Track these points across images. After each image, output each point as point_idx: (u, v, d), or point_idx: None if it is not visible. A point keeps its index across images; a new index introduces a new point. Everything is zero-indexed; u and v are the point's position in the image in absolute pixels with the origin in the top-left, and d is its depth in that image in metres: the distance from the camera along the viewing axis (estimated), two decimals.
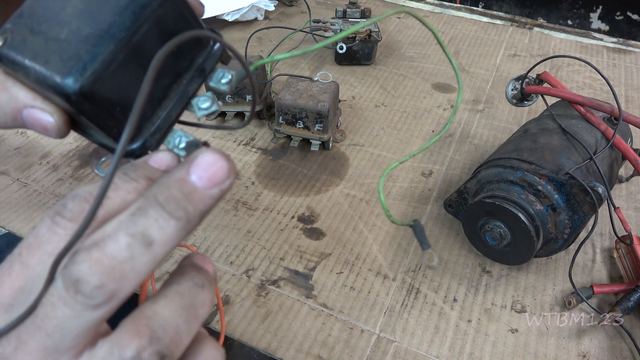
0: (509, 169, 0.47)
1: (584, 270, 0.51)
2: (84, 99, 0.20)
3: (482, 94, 0.76)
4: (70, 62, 0.20)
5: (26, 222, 0.54)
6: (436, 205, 0.58)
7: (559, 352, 0.44)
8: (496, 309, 0.47)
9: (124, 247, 0.17)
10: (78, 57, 0.20)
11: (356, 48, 0.79)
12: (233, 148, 0.65)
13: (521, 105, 0.57)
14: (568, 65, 0.83)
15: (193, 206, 0.19)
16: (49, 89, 0.20)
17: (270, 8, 0.94)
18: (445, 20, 0.97)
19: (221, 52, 0.24)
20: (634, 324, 0.46)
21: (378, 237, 0.54)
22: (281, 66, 0.81)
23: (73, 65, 0.20)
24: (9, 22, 0.21)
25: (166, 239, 0.18)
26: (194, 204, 0.19)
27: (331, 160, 0.63)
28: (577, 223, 0.45)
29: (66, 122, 0.23)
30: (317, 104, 0.60)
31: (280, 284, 0.49)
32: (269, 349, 0.43)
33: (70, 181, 0.59)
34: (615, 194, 0.59)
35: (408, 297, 0.48)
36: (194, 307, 0.20)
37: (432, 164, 0.63)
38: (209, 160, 0.19)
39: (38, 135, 0.65)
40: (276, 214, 0.56)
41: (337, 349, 0.44)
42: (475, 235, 0.50)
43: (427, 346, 0.44)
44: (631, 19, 1.02)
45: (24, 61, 0.20)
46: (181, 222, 0.18)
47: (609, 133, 0.50)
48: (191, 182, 0.19)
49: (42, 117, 0.23)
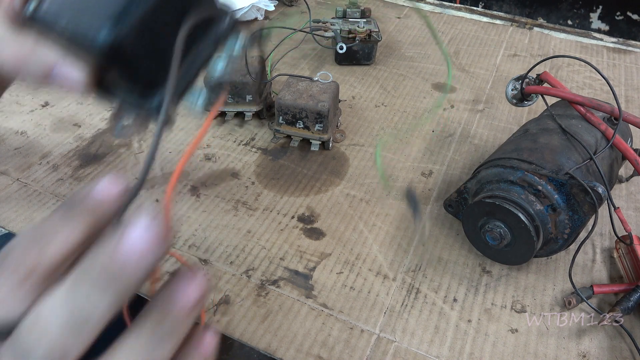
0: (509, 169, 0.47)
1: (584, 270, 0.51)
2: (117, 50, 0.22)
3: (482, 94, 0.76)
4: (103, 18, 0.22)
5: (26, 222, 0.54)
6: (436, 205, 0.58)
7: (559, 352, 0.44)
8: (496, 309, 0.47)
9: (62, 329, 0.18)
10: (109, 14, 0.22)
11: (356, 48, 0.79)
12: (233, 148, 0.65)
13: (521, 105, 0.57)
14: (568, 65, 0.83)
15: (125, 281, 0.18)
16: (83, 45, 0.22)
17: (270, 8, 0.94)
18: (445, 20, 0.97)
19: (233, 24, 0.27)
20: (634, 324, 0.46)
21: (378, 237, 0.54)
22: (281, 66, 0.81)
23: (106, 20, 0.22)
24: None
25: (100, 314, 0.18)
26: (127, 279, 0.18)
27: (331, 160, 0.63)
28: (577, 223, 0.45)
29: (93, 79, 0.24)
30: (317, 104, 0.60)
31: (280, 284, 0.49)
32: (269, 349, 0.43)
33: (70, 181, 0.59)
34: (615, 194, 0.60)
35: (408, 297, 0.48)
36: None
37: (432, 164, 0.63)
38: (139, 231, 0.18)
39: (38, 135, 0.65)
40: (276, 214, 0.56)
41: (337, 349, 0.44)
42: (475, 235, 0.50)
43: (427, 346, 0.44)
44: (631, 19, 1.02)
45: (58, 22, 0.22)
46: (115, 297, 0.18)
47: (609, 133, 0.50)
48: (121, 257, 0.18)
49: (72, 73, 0.24)
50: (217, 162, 0.63)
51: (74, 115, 0.69)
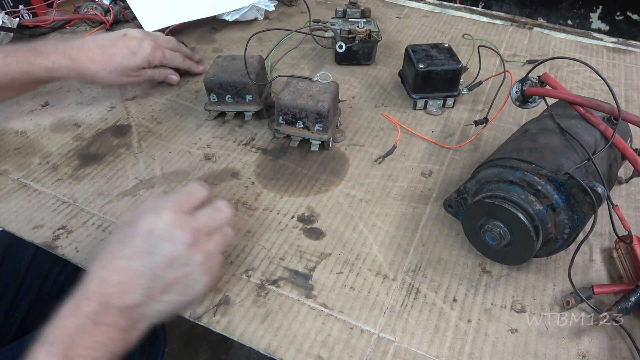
0: (509, 169, 0.47)
1: (583, 270, 0.51)
2: None
3: (482, 94, 0.76)
4: None
5: (26, 222, 0.54)
6: (436, 205, 0.58)
7: (558, 352, 0.44)
8: (496, 309, 0.47)
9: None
10: None
11: (356, 48, 0.79)
12: (233, 148, 0.65)
13: (525, 107, 0.57)
14: (568, 66, 0.83)
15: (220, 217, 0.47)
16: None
17: (270, 8, 0.94)
18: (445, 20, 0.97)
19: None
20: (634, 324, 0.46)
21: (378, 237, 0.54)
22: (281, 66, 0.81)
23: None
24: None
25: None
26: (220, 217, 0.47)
27: (331, 160, 0.63)
28: (577, 223, 0.45)
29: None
30: (317, 104, 0.60)
31: (280, 284, 0.49)
32: (269, 349, 0.44)
33: (70, 181, 0.59)
34: (615, 194, 0.60)
35: (408, 297, 0.48)
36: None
37: (432, 164, 0.63)
38: (223, 202, 0.48)
39: (38, 135, 0.65)
40: (276, 214, 0.56)
41: (337, 349, 0.44)
42: (475, 235, 0.50)
43: (427, 346, 0.44)
44: (631, 19, 1.02)
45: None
46: (217, 221, 0.46)
47: (608, 133, 0.50)
48: (218, 205, 0.47)
49: (174, 77, 0.74)
50: (217, 162, 0.63)
51: (74, 115, 0.69)
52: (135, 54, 0.67)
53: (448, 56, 0.70)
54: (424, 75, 0.68)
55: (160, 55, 0.70)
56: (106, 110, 0.71)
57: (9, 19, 0.81)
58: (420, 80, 0.69)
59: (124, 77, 0.67)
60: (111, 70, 0.66)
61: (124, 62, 0.66)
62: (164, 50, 0.71)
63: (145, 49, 0.68)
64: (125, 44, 0.67)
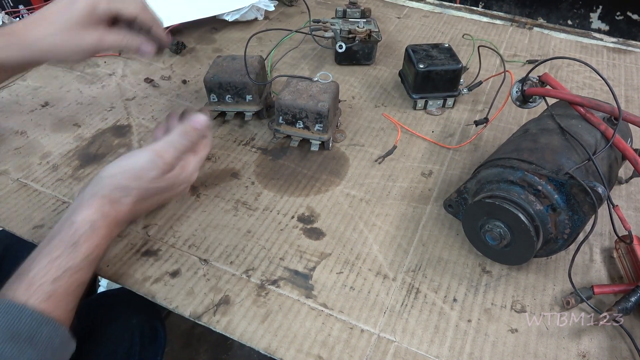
0: (509, 169, 0.47)
1: (583, 270, 0.51)
2: None
3: (482, 94, 0.76)
4: None
5: (26, 222, 0.54)
6: (436, 205, 0.58)
7: (559, 352, 0.44)
8: (496, 309, 0.47)
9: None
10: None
11: (356, 48, 0.79)
12: (233, 148, 0.65)
13: (525, 107, 0.57)
14: (568, 66, 0.83)
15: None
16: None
17: (270, 8, 0.94)
18: (445, 20, 0.97)
19: None
20: (634, 324, 0.46)
21: (378, 237, 0.54)
22: (281, 66, 0.81)
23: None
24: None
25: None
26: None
27: (331, 160, 0.63)
28: (577, 223, 0.45)
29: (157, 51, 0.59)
30: (317, 104, 0.60)
31: (280, 284, 0.49)
32: (269, 349, 0.43)
33: (70, 181, 0.59)
34: (615, 194, 0.60)
35: (408, 297, 0.48)
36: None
37: (432, 164, 0.63)
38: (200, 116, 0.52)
39: (38, 135, 0.65)
40: (276, 214, 0.56)
41: (337, 349, 0.44)
42: (475, 235, 0.50)
43: (427, 346, 0.44)
44: (631, 19, 1.02)
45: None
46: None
47: (608, 133, 0.50)
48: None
49: (148, 48, 0.58)
50: (217, 162, 0.63)
51: (74, 115, 0.69)
52: (73, 1, 0.54)
53: (448, 56, 0.70)
54: (424, 75, 0.68)
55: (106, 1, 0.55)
56: (106, 110, 0.71)
57: (9, 19, 0.81)
58: (421, 80, 0.69)
59: (75, 39, 0.54)
60: (55, 32, 0.54)
61: (65, 15, 0.54)
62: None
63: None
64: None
